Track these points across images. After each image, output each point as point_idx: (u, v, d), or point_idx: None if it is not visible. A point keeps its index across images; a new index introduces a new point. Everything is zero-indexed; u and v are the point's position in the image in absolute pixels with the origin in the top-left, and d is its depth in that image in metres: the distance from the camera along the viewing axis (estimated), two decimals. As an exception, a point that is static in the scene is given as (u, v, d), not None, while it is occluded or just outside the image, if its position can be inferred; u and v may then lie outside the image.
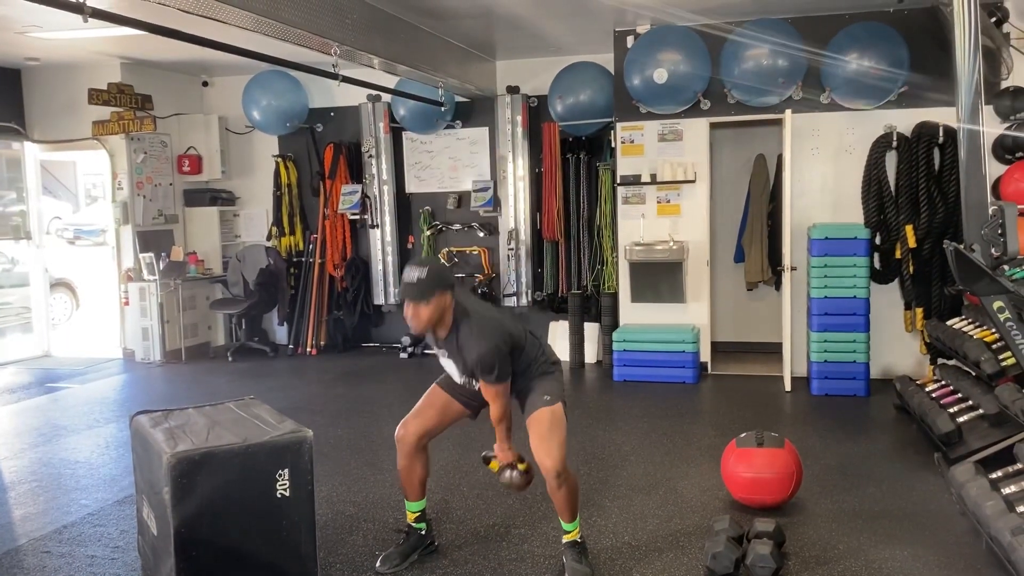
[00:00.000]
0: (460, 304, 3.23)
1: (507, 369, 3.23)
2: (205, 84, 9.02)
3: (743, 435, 4.19)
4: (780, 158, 7.11)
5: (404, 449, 3.50)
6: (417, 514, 3.61)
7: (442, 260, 2.61)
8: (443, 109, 7.82)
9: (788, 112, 6.44)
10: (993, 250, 4.37)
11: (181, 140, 8.72)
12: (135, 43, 7.08)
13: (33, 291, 8.92)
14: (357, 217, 8.46)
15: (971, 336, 5.09)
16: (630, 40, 7.01)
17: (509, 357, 3.23)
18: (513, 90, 7.93)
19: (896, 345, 6.74)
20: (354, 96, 8.03)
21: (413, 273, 3.13)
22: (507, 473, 3.43)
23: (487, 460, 3.51)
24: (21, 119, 8.37)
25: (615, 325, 7.32)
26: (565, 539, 3.46)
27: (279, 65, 5.68)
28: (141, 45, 7.20)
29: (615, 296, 7.43)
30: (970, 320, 5.40)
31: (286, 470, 3.18)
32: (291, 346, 8.58)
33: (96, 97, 7.74)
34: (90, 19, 3.81)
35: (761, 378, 6.95)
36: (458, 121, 8.27)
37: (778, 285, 7.49)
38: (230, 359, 8.27)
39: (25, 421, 6.24)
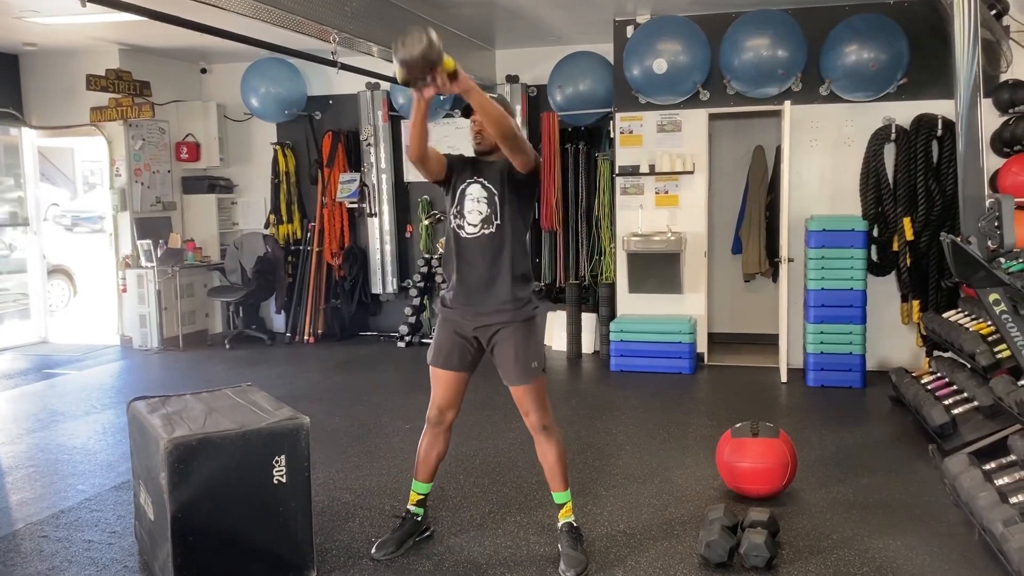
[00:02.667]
0: None
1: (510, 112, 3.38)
2: (204, 71, 9.00)
3: (738, 425, 4.20)
4: (779, 150, 7.11)
5: (439, 429, 3.53)
6: (421, 497, 3.63)
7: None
8: (442, 98, 7.78)
9: (787, 104, 6.44)
10: (990, 243, 4.38)
11: (179, 127, 8.71)
12: (133, 29, 7.05)
13: (31, 277, 8.92)
14: (355, 206, 8.46)
15: (967, 328, 5.10)
16: (630, 30, 7.00)
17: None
18: (512, 79, 7.92)
19: (892, 337, 6.76)
20: (353, 84, 8.01)
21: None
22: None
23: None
24: (19, 105, 8.35)
25: (612, 315, 7.34)
26: (560, 518, 3.48)
27: (278, 52, 5.68)
28: (139, 31, 7.18)
29: (612, 287, 7.44)
30: (966, 313, 5.41)
31: (283, 456, 3.20)
32: (289, 334, 8.58)
33: (94, 83, 7.72)
34: (88, 4, 3.81)
35: (757, 369, 6.98)
36: (457, 110, 8.25)
37: (775, 277, 7.50)
38: (227, 347, 8.28)
39: (22, 407, 6.25)
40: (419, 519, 3.64)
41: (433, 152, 3.37)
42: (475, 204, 3.35)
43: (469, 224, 3.35)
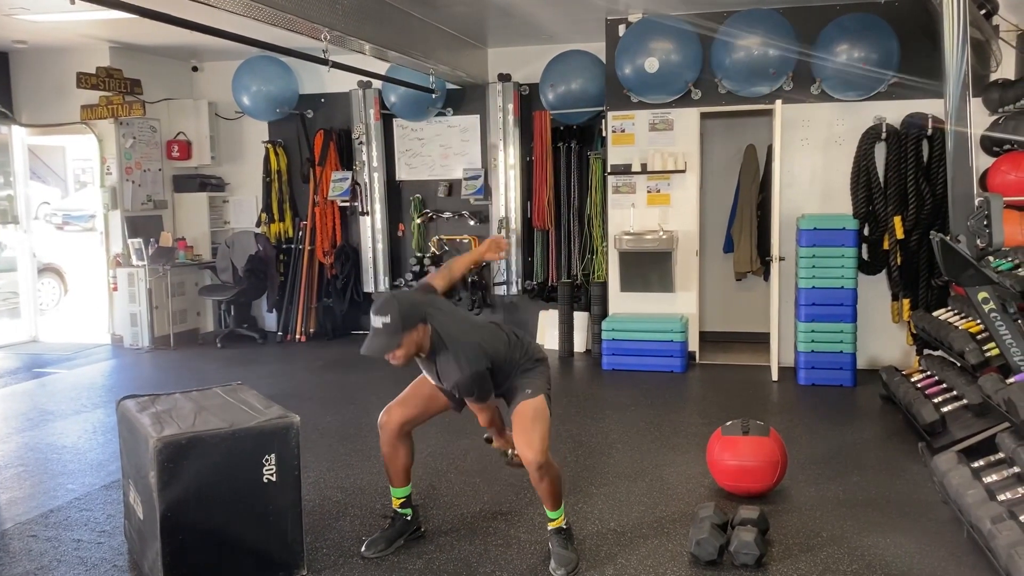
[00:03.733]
0: (435, 330, 3.11)
1: (488, 388, 3.19)
2: (195, 69, 8.97)
3: (729, 423, 4.21)
4: (770, 148, 7.12)
5: (386, 436, 3.50)
6: (402, 500, 3.62)
7: (403, 289, 2.77)
8: (434, 96, 7.81)
9: (778, 103, 6.45)
10: (978, 241, 4.41)
11: (170, 125, 8.68)
12: (124, 27, 7.02)
13: (21, 276, 8.88)
14: (347, 204, 8.44)
15: (956, 327, 5.12)
16: (622, 29, 7.00)
17: (489, 375, 3.18)
18: (504, 78, 7.91)
19: (883, 336, 6.78)
20: (344, 82, 7.99)
21: (377, 321, 3.01)
22: (510, 453, 3.52)
23: (490, 440, 3.58)
24: (9, 102, 8.31)
25: (604, 314, 7.34)
26: (550, 526, 3.48)
27: (269, 50, 5.66)
28: (130, 29, 7.15)
29: (605, 285, 7.44)
30: (956, 311, 5.43)
31: (273, 455, 3.19)
32: (280, 333, 8.56)
33: (85, 81, 7.69)
34: (77, 1, 3.79)
35: (749, 368, 6.99)
36: (449, 108, 8.25)
37: (766, 275, 7.52)
38: (219, 345, 8.25)
39: (12, 406, 6.23)
40: (409, 519, 3.64)
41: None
42: (432, 377, 3.33)
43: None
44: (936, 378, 5.25)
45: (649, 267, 7.09)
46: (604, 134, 7.36)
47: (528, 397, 3.30)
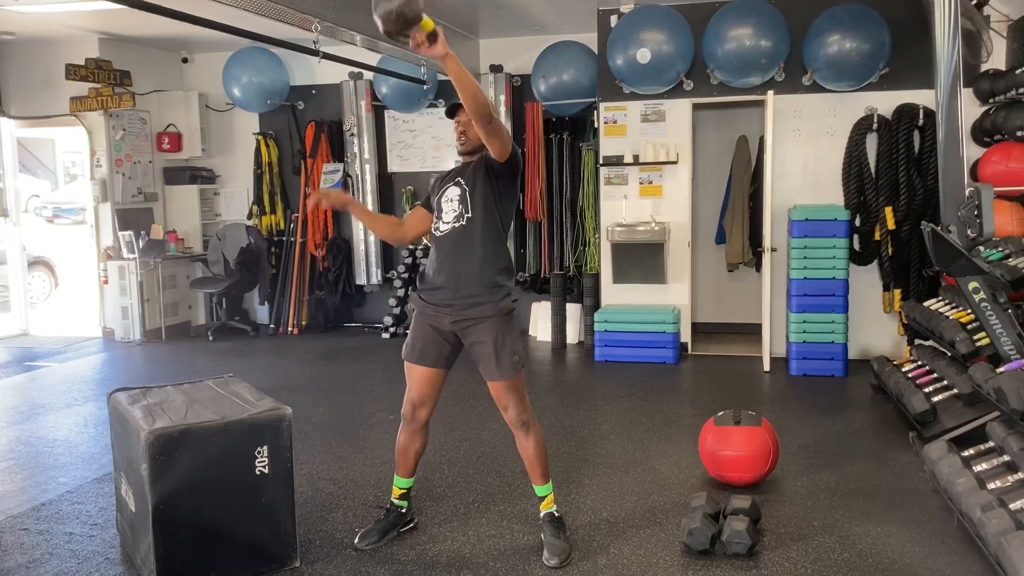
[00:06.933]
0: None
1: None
2: (185, 61, 8.92)
3: (721, 413, 4.22)
4: (762, 139, 7.13)
5: (415, 426, 3.52)
6: (403, 491, 3.63)
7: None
8: (426, 87, 7.79)
9: (770, 93, 6.45)
10: (969, 231, 4.43)
11: (161, 117, 8.64)
12: (113, 18, 6.98)
13: (11, 270, 8.82)
14: (339, 196, 8.41)
15: (947, 317, 5.14)
16: (614, 19, 6.98)
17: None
18: (496, 69, 7.89)
19: (874, 326, 6.81)
20: (336, 74, 7.97)
21: None
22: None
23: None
24: (-3, 94, 8.27)
25: (597, 306, 7.35)
26: (542, 509, 3.49)
27: (260, 41, 5.63)
28: (119, 20, 7.11)
29: (597, 277, 7.45)
30: (947, 301, 5.45)
31: (265, 447, 3.19)
32: (272, 326, 8.55)
33: (74, 73, 7.63)
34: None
35: (740, 358, 7.01)
36: (441, 100, 8.22)
37: (758, 266, 7.53)
38: (211, 338, 8.23)
39: (3, 399, 6.20)
40: (403, 511, 3.64)
41: (412, 222, 3.57)
42: (449, 204, 3.37)
43: (444, 223, 3.37)
44: (927, 368, 5.27)
45: (641, 258, 7.09)
46: (596, 125, 7.35)
47: (511, 374, 3.33)
